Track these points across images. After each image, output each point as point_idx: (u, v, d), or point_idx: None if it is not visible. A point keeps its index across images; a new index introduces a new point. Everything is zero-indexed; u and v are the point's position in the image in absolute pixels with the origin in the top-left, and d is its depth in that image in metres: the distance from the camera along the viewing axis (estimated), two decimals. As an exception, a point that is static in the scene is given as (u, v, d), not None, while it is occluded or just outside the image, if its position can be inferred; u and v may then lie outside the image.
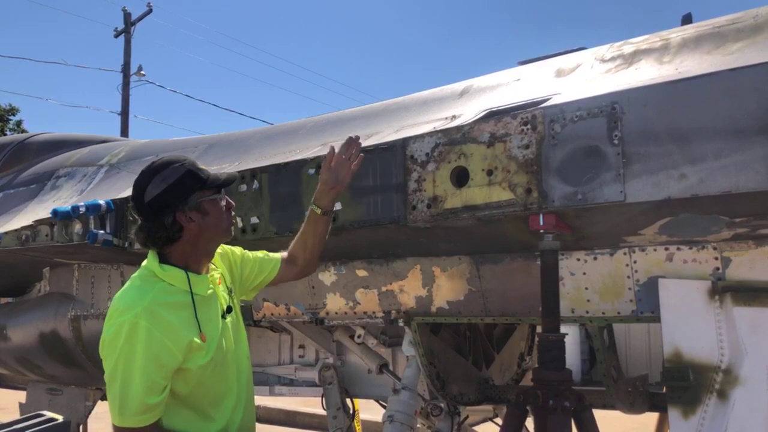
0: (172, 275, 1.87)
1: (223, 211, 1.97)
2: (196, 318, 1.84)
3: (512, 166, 2.10)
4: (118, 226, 3.13)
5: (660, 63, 2.11)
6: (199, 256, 1.94)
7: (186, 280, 1.87)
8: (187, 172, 1.92)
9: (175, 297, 1.84)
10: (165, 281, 1.86)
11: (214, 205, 1.94)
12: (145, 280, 1.87)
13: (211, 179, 1.95)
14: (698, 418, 2.04)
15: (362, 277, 2.83)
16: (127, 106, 20.62)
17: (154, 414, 1.77)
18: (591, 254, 2.33)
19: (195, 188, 1.92)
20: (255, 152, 3.14)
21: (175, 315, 1.80)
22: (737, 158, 1.78)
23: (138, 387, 1.74)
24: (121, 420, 1.75)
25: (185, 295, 1.85)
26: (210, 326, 1.88)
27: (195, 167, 1.94)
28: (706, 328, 2.06)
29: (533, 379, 2.23)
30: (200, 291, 1.89)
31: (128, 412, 1.74)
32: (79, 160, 4.22)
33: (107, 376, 1.79)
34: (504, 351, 3.37)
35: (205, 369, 1.85)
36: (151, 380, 1.75)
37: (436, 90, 2.86)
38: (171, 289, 1.85)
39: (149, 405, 1.75)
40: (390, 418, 2.72)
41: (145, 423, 1.76)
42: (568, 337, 2.19)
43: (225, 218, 1.98)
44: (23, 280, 4.25)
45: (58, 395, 4.23)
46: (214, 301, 1.95)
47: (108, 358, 1.79)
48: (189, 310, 1.84)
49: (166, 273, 1.87)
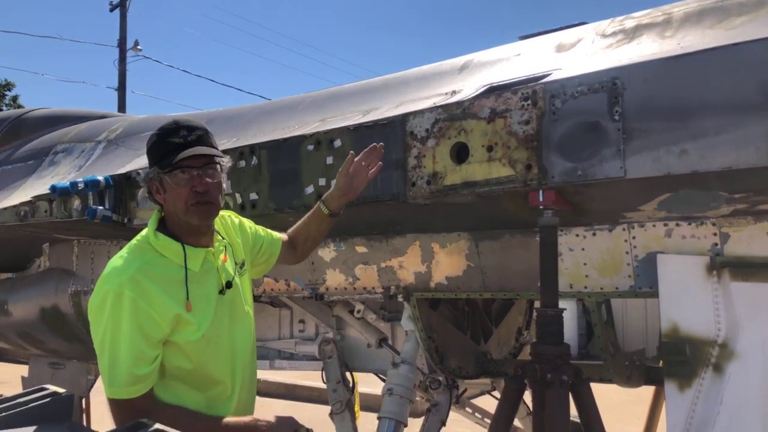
0: (165, 245, 1.82)
1: (180, 191, 1.79)
2: (186, 291, 1.79)
3: (512, 142, 2.09)
4: (117, 201, 3.13)
5: (662, 38, 2.09)
6: (183, 229, 1.85)
7: (178, 252, 1.81)
8: (154, 141, 1.84)
9: (163, 269, 1.79)
10: (157, 251, 1.81)
11: (171, 182, 1.79)
12: (135, 248, 1.83)
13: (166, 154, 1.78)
14: (694, 392, 2.07)
15: (362, 254, 2.84)
16: (123, 81, 20.45)
17: (144, 385, 1.73)
18: (590, 230, 2.34)
19: (155, 161, 1.83)
20: (253, 128, 3.12)
21: (161, 287, 1.75)
22: (738, 134, 1.78)
23: (125, 358, 1.70)
24: (111, 392, 1.73)
25: (176, 268, 1.80)
26: (202, 302, 1.83)
27: (164, 137, 1.80)
28: (704, 304, 2.08)
29: (531, 353, 2.26)
30: (192, 266, 1.83)
31: (117, 384, 1.71)
32: (77, 135, 4.20)
33: (96, 347, 1.76)
34: (502, 326, 3.41)
35: (198, 345, 1.81)
36: (138, 350, 1.71)
37: (435, 65, 2.84)
38: (160, 260, 1.80)
39: (138, 376, 1.71)
40: (389, 391, 2.75)
41: (136, 394, 1.72)
42: (566, 312, 2.21)
43: (181, 199, 1.79)
44: (23, 256, 4.25)
45: (60, 369, 4.27)
46: (211, 276, 1.88)
47: (96, 328, 1.76)
48: (178, 283, 1.79)
49: (159, 242, 1.82)
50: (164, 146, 1.81)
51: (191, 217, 1.82)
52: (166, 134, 1.82)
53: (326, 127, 2.60)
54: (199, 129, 1.85)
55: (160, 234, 1.84)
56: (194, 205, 1.81)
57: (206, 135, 1.86)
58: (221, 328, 1.88)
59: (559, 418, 2.10)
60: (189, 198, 1.80)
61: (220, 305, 1.89)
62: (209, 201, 1.82)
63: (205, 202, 1.82)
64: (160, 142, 1.82)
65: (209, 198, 1.82)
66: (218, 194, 1.86)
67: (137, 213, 3.11)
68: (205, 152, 1.81)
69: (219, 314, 1.88)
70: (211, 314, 1.84)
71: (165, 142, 1.81)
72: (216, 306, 1.87)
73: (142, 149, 3.59)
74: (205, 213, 1.84)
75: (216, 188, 1.85)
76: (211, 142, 1.88)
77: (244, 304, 2.01)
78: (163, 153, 1.81)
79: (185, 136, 1.80)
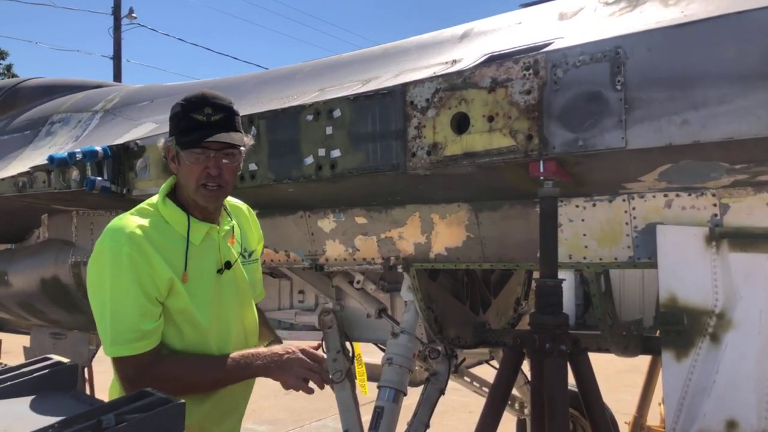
0: (171, 213, 1.81)
1: (194, 169, 1.76)
2: (185, 263, 1.77)
3: (513, 112, 2.08)
4: (115, 172, 3.12)
5: (665, 6, 2.06)
6: (191, 203, 1.83)
7: (182, 222, 1.80)
8: (177, 112, 1.80)
9: (164, 236, 1.77)
10: (162, 217, 1.80)
11: (186, 159, 1.77)
12: (141, 210, 1.82)
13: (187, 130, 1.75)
14: (691, 361, 2.09)
15: (361, 224, 2.84)
16: (119, 50, 20.23)
17: (150, 341, 1.70)
18: (590, 201, 2.34)
19: (174, 131, 1.81)
20: (251, 98, 3.10)
21: (159, 251, 1.73)
22: (740, 104, 1.77)
23: (130, 314, 1.68)
24: (115, 350, 1.69)
25: (178, 238, 1.79)
26: (197, 276, 1.80)
27: (188, 111, 1.76)
28: (702, 274, 2.09)
29: (530, 323, 2.27)
30: (194, 239, 1.81)
31: (122, 340, 1.68)
32: (74, 105, 4.16)
33: (96, 306, 1.74)
34: (501, 296, 3.43)
35: (183, 314, 1.78)
36: (142, 306, 1.69)
37: (436, 33, 2.80)
38: (164, 226, 1.79)
39: (145, 331, 1.69)
40: (389, 360, 2.78)
41: (142, 350, 1.69)
42: (564, 282, 2.22)
43: (193, 177, 1.77)
44: (22, 226, 4.25)
45: (61, 339, 4.30)
46: (211, 251, 1.86)
47: (94, 287, 1.74)
48: (178, 253, 1.77)
49: (166, 209, 1.81)
50: (186, 121, 1.76)
51: (200, 198, 1.81)
52: (191, 107, 1.76)
53: (325, 97, 2.58)
54: (225, 108, 1.79)
55: (168, 201, 1.83)
56: (204, 186, 1.78)
57: (231, 116, 1.80)
58: (214, 308, 1.84)
59: (557, 387, 2.12)
60: (201, 178, 1.78)
61: (217, 284, 1.85)
62: (220, 185, 1.80)
63: (217, 186, 1.79)
64: (183, 114, 1.78)
65: (221, 181, 1.79)
66: (232, 178, 1.84)
67: (136, 184, 3.10)
68: (225, 140, 1.76)
69: (213, 293, 1.84)
70: (204, 290, 1.82)
71: (188, 117, 1.76)
72: (212, 284, 1.84)
73: (139, 119, 3.59)
74: (213, 196, 1.82)
75: (231, 172, 1.82)
76: (236, 124, 1.82)
77: (243, 291, 1.95)
78: (183, 127, 1.77)
79: (209, 115, 1.75)
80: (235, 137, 1.79)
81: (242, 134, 1.85)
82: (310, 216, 2.95)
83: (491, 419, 2.30)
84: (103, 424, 1.27)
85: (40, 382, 1.57)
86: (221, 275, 1.87)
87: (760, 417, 1.98)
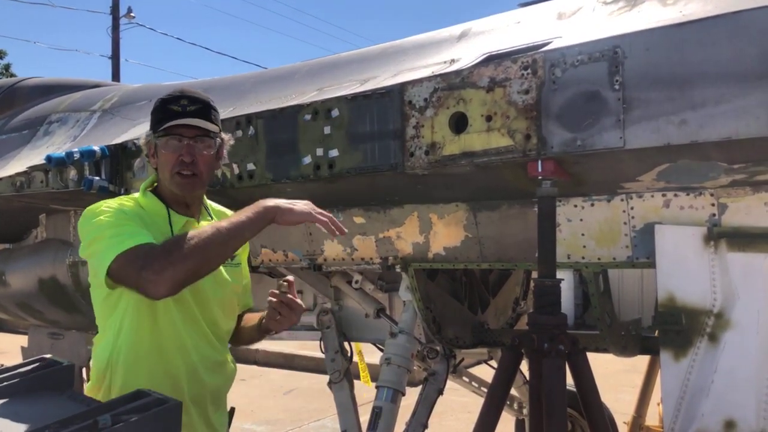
0: (151, 204, 1.84)
1: (168, 157, 1.79)
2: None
3: (511, 112, 2.07)
4: (113, 172, 3.12)
5: (663, 5, 2.06)
6: (169, 197, 1.85)
7: (162, 213, 1.83)
8: (156, 106, 1.84)
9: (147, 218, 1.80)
10: (142, 208, 1.83)
11: (162, 147, 1.81)
12: (119, 199, 1.85)
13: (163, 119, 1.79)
14: (689, 360, 2.09)
15: (360, 224, 2.84)
16: (117, 49, 20.20)
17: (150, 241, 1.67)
18: (588, 200, 2.34)
19: (152, 124, 1.85)
20: (250, 97, 3.09)
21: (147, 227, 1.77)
22: (738, 104, 1.76)
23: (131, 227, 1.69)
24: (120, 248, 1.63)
25: (161, 220, 1.82)
26: None
27: (166, 103, 1.80)
28: (701, 274, 2.09)
29: (529, 323, 2.27)
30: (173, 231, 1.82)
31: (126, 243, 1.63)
32: (72, 105, 4.16)
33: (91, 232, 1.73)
34: (499, 296, 3.43)
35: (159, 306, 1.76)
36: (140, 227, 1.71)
37: (434, 33, 2.80)
38: (144, 215, 1.80)
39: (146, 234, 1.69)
40: (387, 360, 2.77)
41: (146, 240, 1.66)
42: (563, 282, 2.22)
43: (168, 165, 1.80)
44: (20, 226, 4.25)
45: (59, 339, 4.29)
46: None
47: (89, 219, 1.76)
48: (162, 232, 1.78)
49: (146, 200, 1.84)
50: (163, 112, 1.81)
51: (174, 186, 1.83)
52: (169, 101, 1.82)
53: (323, 97, 2.58)
54: (201, 101, 1.83)
55: (149, 193, 1.87)
56: (178, 174, 1.80)
57: (207, 109, 1.84)
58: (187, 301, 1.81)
59: (555, 387, 2.12)
60: (175, 165, 1.80)
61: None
62: (194, 173, 1.81)
63: (191, 174, 1.81)
64: (161, 107, 1.83)
65: (194, 169, 1.81)
66: (206, 168, 1.84)
67: (133, 183, 3.09)
68: (195, 123, 1.79)
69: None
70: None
71: (165, 108, 1.81)
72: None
73: (137, 119, 3.58)
74: (188, 185, 1.83)
75: (205, 162, 1.83)
76: (211, 116, 1.85)
77: (222, 290, 1.92)
78: (160, 118, 1.82)
79: (185, 105, 1.79)
80: (209, 125, 1.82)
81: (217, 126, 1.87)
82: (308, 216, 2.94)
83: (490, 419, 2.30)
84: (99, 424, 1.27)
85: (36, 383, 1.57)
86: None
87: (759, 417, 1.98)
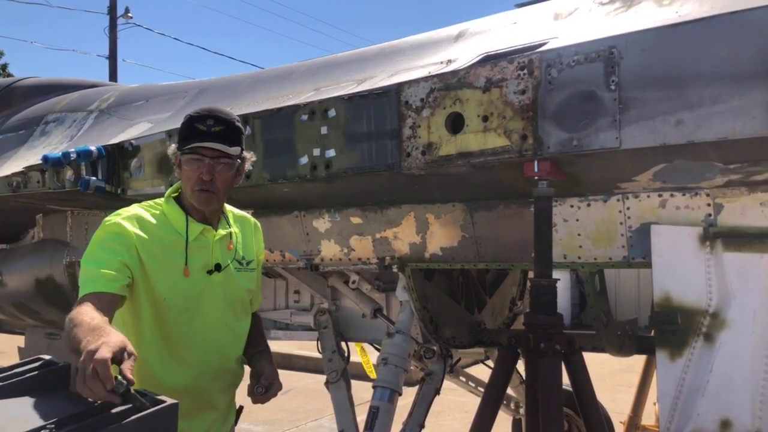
0: (172, 211, 1.94)
1: (190, 174, 1.89)
2: (185, 257, 1.90)
3: (508, 112, 2.08)
4: (110, 172, 3.11)
5: (660, 5, 2.07)
6: (188, 204, 1.96)
7: (180, 220, 1.93)
8: (184, 122, 1.94)
9: (163, 231, 1.91)
10: (164, 214, 1.94)
11: (185, 165, 1.91)
12: (146, 204, 1.97)
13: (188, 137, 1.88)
14: (685, 360, 2.09)
15: (356, 224, 2.84)
16: (114, 49, 20.14)
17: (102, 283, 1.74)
18: (584, 201, 2.34)
19: (178, 139, 1.95)
20: (246, 97, 3.09)
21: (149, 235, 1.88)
22: (735, 104, 1.77)
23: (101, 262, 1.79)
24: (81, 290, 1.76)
25: (176, 235, 1.92)
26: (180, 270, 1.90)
27: (193, 121, 1.89)
28: (696, 274, 2.09)
29: (525, 323, 2.27)
30: (189, 236, 1.93)
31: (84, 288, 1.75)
32: (69, 105, 4.15)
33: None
34: (496, 296, 3.43)
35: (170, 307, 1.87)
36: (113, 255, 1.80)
37: (431, 33, 2.80)
38: (163, 220, 1.93)
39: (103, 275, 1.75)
40: (384, 360, 2.78)
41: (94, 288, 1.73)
42: (559, 282, 2.22)
43: (190, 181, 1.90)
44: (16, 226, 4.24)
45: (56, 339, 4.28)
46: (202, 251, 1.94)
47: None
48: (176, 246, 1.90)
49: (168, 207, 1.95)
50: (189, 129, 1.90)
51: (194, 200, 1.94)
52: (196, 119, 1.90)
53: (320, 97, 2.58)
54: (226, 122, 1.90)
55: (171, 201, 1.98)
56: (198, 191, 1.91)
57: (230, 131, 1.91)
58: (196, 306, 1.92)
59: (552, 386, 2.13)
60: (196, 183, 1.90)
61: (204, 283, 1.93)
62: (211, 191, 1.91)
63: (208, 191, 1.91)
64: (187, 124, 1.92)
65: (212, 188, 1.90)
66: (223, 186, 1.93)
67: (130, 183, 3.09)
68: (213, 146, 1.87)
69: (199, 291, 1.92)
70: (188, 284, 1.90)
71: (191, 126, 1.90)
72: (197, 281, 1.92)
73: (134, 119, 3.58)
74: (205, 200, 1.93)
75: (223, 181, 1.92)
76: (234, 138, 1.92)
77: (233, 294, 2.00)
78: (185, 135, 1.91)
79: (210, 125, 1.88)
80: (230, 149, 1.90)
81: (240, 148, 1.95)
82: (305, 216, 2.95)
83: (486, 419, 2.30)
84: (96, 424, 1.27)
85: (33, 383, 1.57)
86: (210, 276, 1.95)
87: (754, 416, 1.98)
